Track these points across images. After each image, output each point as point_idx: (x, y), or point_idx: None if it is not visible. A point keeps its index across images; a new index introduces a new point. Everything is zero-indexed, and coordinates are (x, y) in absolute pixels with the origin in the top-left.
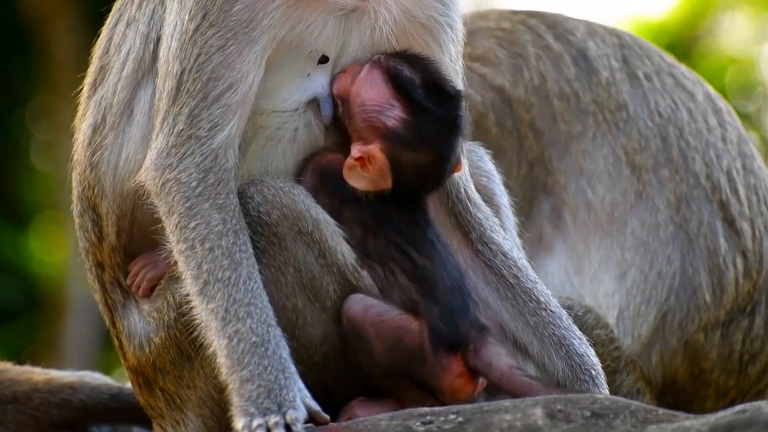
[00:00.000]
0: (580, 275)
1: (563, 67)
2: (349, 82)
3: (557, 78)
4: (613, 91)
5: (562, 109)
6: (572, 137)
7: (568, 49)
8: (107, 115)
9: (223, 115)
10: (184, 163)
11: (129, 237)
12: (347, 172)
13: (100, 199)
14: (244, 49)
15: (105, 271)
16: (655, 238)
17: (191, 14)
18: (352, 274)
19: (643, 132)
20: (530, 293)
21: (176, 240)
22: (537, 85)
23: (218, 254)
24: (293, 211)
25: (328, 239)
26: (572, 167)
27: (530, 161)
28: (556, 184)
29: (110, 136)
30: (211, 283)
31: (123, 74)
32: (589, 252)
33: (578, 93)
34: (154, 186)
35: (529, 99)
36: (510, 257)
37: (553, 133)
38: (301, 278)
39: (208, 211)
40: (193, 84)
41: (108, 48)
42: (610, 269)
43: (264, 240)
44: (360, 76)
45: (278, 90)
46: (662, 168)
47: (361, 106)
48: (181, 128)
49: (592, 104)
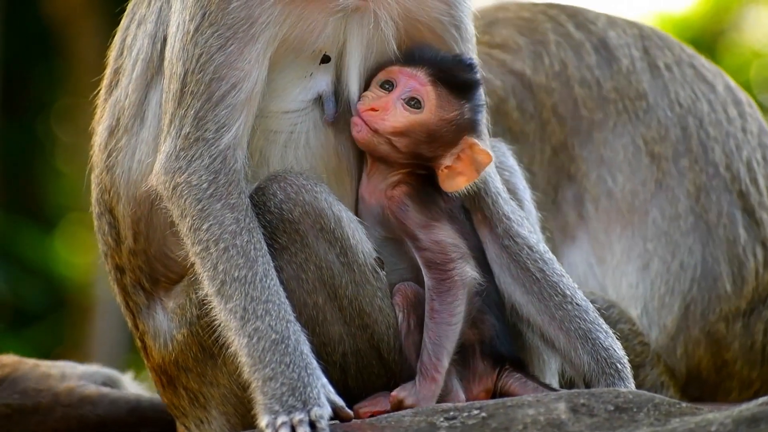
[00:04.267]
0: (602, 265)
1: (584, 54)
2: (393, 116)
3: (578, 65)
4: (634, 80)
5: (584, 95)
6: (594, 124)
7: (588, 38)
8: (121, 117)
9: (229, 116)
10: (194, 165)
11: (146, 240)
12: (447, 182)
13: (116, 202)
14: (245, 48)
15: (125, 274)
16: (676, 229)
17: (191, 14)
18: (371, 272)
19: (662, 121)
20: (556, 287)
21: (191, 242)
22: (558, 71)
23: (233, 253)
24: (315, 209)
25: (349, 237)
26: (594, 155)
27: (554, 146)
28: (578, 171)
29: (124, 139)
30: (227, 282)
31: (134, 76)
32: (611, 242)
33: (599, 80)
34: (166, 190)
35: (550, 84)
36: (536, 251)
37: (575, 119)
38: (322, 275)
39: (221, 211)
40: (197, 85)
41: (122, 50)
42: (632, 260)
43: (286, 237)
44: (428, 98)
45: (284, 90)
46: (682, 158)
47: (441, 122)
48: (188, 131)
49: (613, 92)
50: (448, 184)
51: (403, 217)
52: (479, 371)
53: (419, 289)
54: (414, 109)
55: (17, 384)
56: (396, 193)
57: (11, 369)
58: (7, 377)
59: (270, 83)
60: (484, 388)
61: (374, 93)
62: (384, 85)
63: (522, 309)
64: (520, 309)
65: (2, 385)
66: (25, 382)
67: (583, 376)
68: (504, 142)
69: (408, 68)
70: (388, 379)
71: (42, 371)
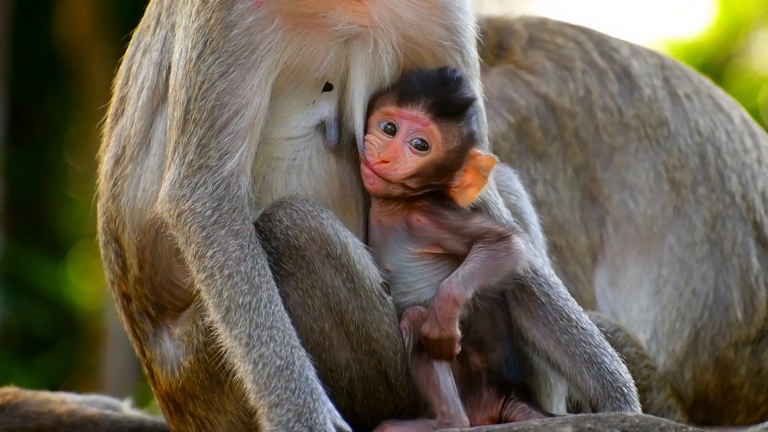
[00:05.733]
0: (615, 289)
1: (607, 82)
2: (404, 163)
3: (601, 92)
4: (655, 108)
5: (606, 121)
6: (615, 149)
7: (612, 66)
8: (126, 146)
9: (232, 143)
10: (197, 192)
11: (152, 268)
12: (460, 198)
13: (121, 230)
14: (247, 75)
15: (132, 302)
16: (691, 256)
17: (193, 42)
18: (378, 298)
19: (683, 149)
20: (561, 311)
21: (196, 269)
22: (582, 96)
23: (237, 280)
24: (321, 235)
25: (356, 263)
26: (616, 178)
27: (575, 167)
28: (600, 193)
29: (129, 167)
30: (232, 309)
31: (139, 104)
32: (626, 266)
33: (621, 108)
34: (170, 217)
35: (573, 109)
36: (541, 275)
37: (597, 143)
38: (328, 301)
39: (225, 238)
40: (200, 112)
41: (127, 78)
42: (645, 285)
43: (292, 263)
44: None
45: (287, 117)
46: (700, 186)
47: (448, 153)
48: (192, 158)
49: (635, 119)
50: (462, 199)
51: (438, 219)
52: (484, 399)
53: (426, 312)
54: (422, 151)
55: (18, 409)
56: (420, 206)
57: (12, 396)
58: (8, 404)
59: (273, 110)
60: (489, 416)
61: (378, 138)
62: (387, 128)
63: (527, 333)
64: (525, 333)
65: (4, 411)
66: (26, 407)
67: (589, 400)
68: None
69: (406, 109)
70: (396, 405)
71: (43, 397)
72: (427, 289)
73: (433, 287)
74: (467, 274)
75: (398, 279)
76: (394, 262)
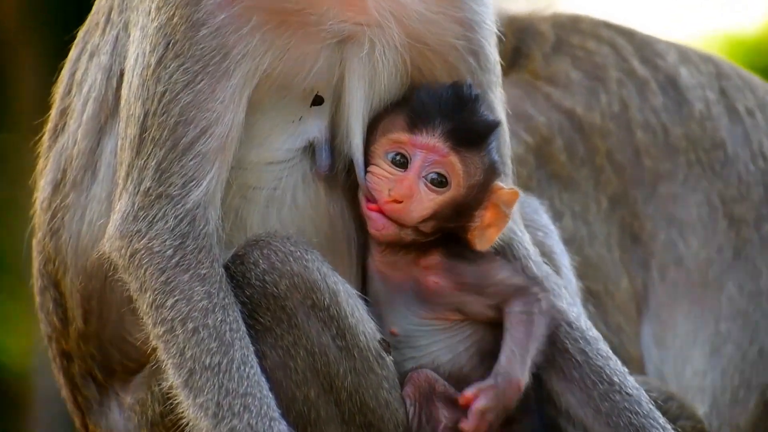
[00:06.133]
0: (662, 348)
1: (649, 94)
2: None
3: (641, 106)
4: (709, 127)
5: (647, 142)
6: (659, 176)
7: (655, 75)
8: (68, 169)
9: (198, 167)
10: (156, 228)
11: (99, 321)
12: (479, 241)
13: (62, 274)
14: (217, 85)
15: (73, 362)
16: (756, 308)
17: (153, 44)
18: (375, 358)
19: (743, 177)
20: (601, 372)
21: (153, 322)
22: (617, 111)
23: (204, 336)
24: (306, 281)
25: (348, 315)
26: (660, 213)
27: (611, 197)
28: (643, 230)
29: (72, 196)
30: (197, 372)
31: (84, 118)
32: (675, 320)
33: (666, 125)
34: (122, 258)
35: (606, 126)
36: (576, 328)
37: (636, 169)
38: (314, 363)
39: (189, 283)
40: (159, 130)
41: (70, 86)
42: (700, 343)
43: (270, 315)
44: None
45: (267, 137)
46: (765, 222)
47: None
48: (149, 185)
49: (683, 140)
50: (482, 243)
51: (457, 277)
52: None
53: (435, 377)
54: (440, 188)
55: None
56: (433, 260)
57: None
58: None
59: (249, 128)
60: None
61: (386, 171)
62: (396, 160)
63: (560, 399)
64: (558, 399)
65: None
66: None
67: None
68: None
69: (420, 136)
70: None
71: None
72: (443, 353)
73: (451, 350)
74: (522, 351)
75: (406, 343)
76: (401, 325)
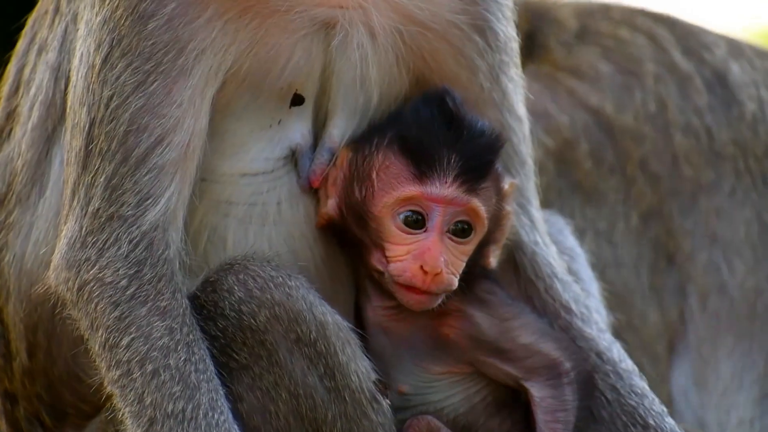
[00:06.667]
0: (703, 390)
1: (692, 92)
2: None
3: (683, 106)
4: (762, 131)
5: (689, 148)
6: (702, 188)
7: (701, 70)
8: (13, 182)
9: (155, 182)
10: (107, 255)
11: (47, 357)
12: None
13: (4, 300)
14: (174, 85)
15: (18, 404)
16: None
17: (97, 41)
18: (369, 402)
19: None
20: (634, 413)
21: (107, 365)
22: (653, 112)
23: (165, 379)
24: (289, 311)
25: (338, 351)
26: (701, 230)
27: (643, 213)
28: (678, 250)
29: (16, 212)
30: (158, 420)
31: (30, 125)
32: (718, 357)
33: (711, 129)
34: (69, 291)
35: (640, 129)
36: (607, 360)
37: (675, 179)
38: (298, 406)
39: (147, 319)
40: (107, 141)
41: (17, 84)
42: (747, 386)
43: (247, 351)
44: (478, 216)
45: (242, 146)
46: None
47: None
48: (98, 205)
49: (731, 146)
50: (495, 256)
51: (474, 331)
52: None
53: (438, 425)
54: (467, 238)
55: None
56: (451, 305)
57: None
58: None
59: (221, 136)
60: None
61: (404, 237)
62: (412, 220)
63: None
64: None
65: None
66: None
67: None
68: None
69: (434, 188)
70: None
71: None
72: (460, 404)
73: (469, 400)
74: None
75: (417, 400)
76: (410, 382)
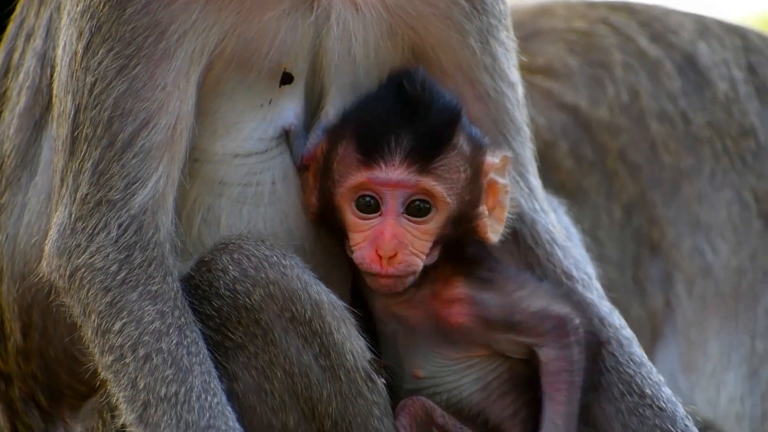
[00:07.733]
0: (692, 372)
1: (664, 78)
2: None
3: (655, 93)
4: (736, 111)
5: (665, 134)
6: (681, 174)
7: (670, 54)
8: (4, 164)
9: (142, 166)
10: (97, 240)
11: (42, 337)
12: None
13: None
14: (156, 69)
15: (12, 384)
16: None
17: (79, 28)
18: (364, 380)
19: None
20: (631, 381)
21: (100, 350)
22: (627, 103)
23: (158, 363)
24: (284, 290)
25: (333, 330)
26: (684, 216)
27: (625, 206)
28: (663, 238)
29: (8, 193)
30: (152, 404)
31: (18, 110)
32: (705, 339)
33: (686, 113)
34: (61, 278)
35: (615, 122)
36: (608, 325)
37: (654, 167)
38: (293, 385)
39: (138, 303)
40: (92, 126)
41: (7, 66)
42: (735, 364)
43: (242, 330)
44: (434, 194)
45: (235, 126)
46: None
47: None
48: (86, 191)
49: (707, 129)
50: (495, 233)
51: (481, 311)
52: None
53: (432, 406)
54: (426, 216)
55: None
56: (456, 293)
57: None
58: None
59: (212, 117)
60: None
61: (361, 223)
62: (366, 204)
63: (587, 412)
64: (585, 412)
65: None
66: None
67: None
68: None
69: (380, 172)
70: None
71: None
72: (472, 385)
73: (482, 380)
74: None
75: (431, 383)
76: (425, 367)
